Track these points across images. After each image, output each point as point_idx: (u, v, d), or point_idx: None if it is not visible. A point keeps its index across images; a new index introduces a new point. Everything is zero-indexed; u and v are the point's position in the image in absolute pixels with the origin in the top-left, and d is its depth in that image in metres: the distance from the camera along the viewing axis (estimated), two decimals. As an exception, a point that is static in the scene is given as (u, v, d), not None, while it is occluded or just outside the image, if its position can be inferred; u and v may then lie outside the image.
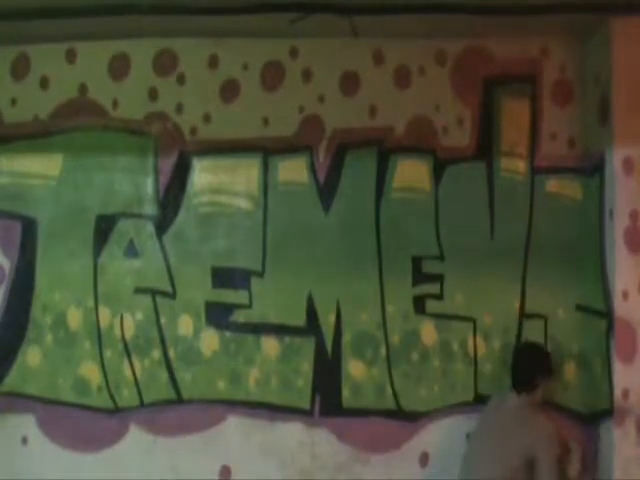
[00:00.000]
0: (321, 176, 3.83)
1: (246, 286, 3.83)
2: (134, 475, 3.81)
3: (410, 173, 3.80)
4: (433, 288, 3.77)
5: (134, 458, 3.84)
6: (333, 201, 3.82)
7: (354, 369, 3.79)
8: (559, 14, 3.38)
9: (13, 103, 3.96)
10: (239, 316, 3.83)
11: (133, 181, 3.90)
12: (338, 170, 3.82)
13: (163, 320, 3.86)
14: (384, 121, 3.82)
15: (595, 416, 3.57)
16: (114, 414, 3.87)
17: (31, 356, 3.91)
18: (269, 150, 3.85)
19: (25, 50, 3.95)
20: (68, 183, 3.93)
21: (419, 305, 3.77)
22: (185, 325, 3.86)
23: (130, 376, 3.86)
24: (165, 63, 3.89)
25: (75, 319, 3.89)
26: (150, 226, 3.89)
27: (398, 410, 3.77)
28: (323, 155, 3.83)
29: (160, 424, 3.84)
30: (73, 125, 3.93)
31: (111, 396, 3.86)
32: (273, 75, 3.86)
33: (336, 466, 3.77)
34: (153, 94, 3.90)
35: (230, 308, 3.83)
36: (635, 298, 3.38)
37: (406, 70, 3.83)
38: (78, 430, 3.87)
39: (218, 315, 3.84)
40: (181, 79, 3.89)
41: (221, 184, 3.87)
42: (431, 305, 3.77)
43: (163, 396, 3.85)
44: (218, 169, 3.87)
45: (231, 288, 3.84)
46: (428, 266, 3.78)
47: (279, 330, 3.81)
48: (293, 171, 3.84)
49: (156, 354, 3.85)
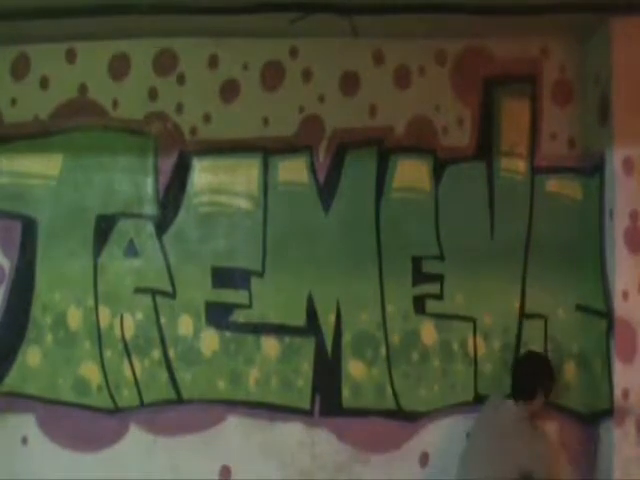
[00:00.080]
0: (321, 176, 3.83)
1: (246, 286, 3.82)
2: (134, 475, 3.81)
3: (410, 173, 3.80)
4: (433, 288, 3.77)
5: (134, 458, 3.84)
6: (333, 201, 3.81)
7: (354, 369, 3.78)
8: (559, 14, 3.38)
9: (13, 103, 3.96)
10: (239, 316, 3.83)
11: (133, 181, 3.90)
12: (338, 170, 3.82)
13: (163, 320, 3.86)
14: (384, 121, 3.82)
15: (595, 416, 3.57)
16: (114, 414, 3.86)
17: (31, 356, 3.91)
18: (269, 150, 3.84)
19: (25, 50, 3.95)
20: (68, 183, 3.93)
21: (419, 305, 3.77)
22: (185, 325, 3.85)
23: (130, 376, 3.86)
24: (165, 63, 3.89)
25: (75, 319, 3.89)
26: (150, 226, 3.89)
27: (398, 410, 3.76)
28: (323, 155, 3.83)
29: (160, 424, 3.84)
30: (73, 125, 3.93)
31: (111, 396, 3.86)
32: (273, 75, 3.86)
33: (336, 466, 3.77)
34: (153, 94, 3.90)
35: (230, 308, 3.83)
36: (635, 298, 3.38)
37: (406, 70, 3.83)
38: (78, 430, 3.87)
39: (218, 315, 3.84)
40: (181, 79, 3.89)
41: (221, 184, 3.87)
42: (431, 305, 3.77)
43: (163, 396, 3.85)
44: (218, 169, 3.87)
45: (231, 288, 3.84)
46: (428, 266, 3.78)
47: (279, 330, 3.81)
48: (293, 171, 3.84)
49: (156, 354, 3.85)
